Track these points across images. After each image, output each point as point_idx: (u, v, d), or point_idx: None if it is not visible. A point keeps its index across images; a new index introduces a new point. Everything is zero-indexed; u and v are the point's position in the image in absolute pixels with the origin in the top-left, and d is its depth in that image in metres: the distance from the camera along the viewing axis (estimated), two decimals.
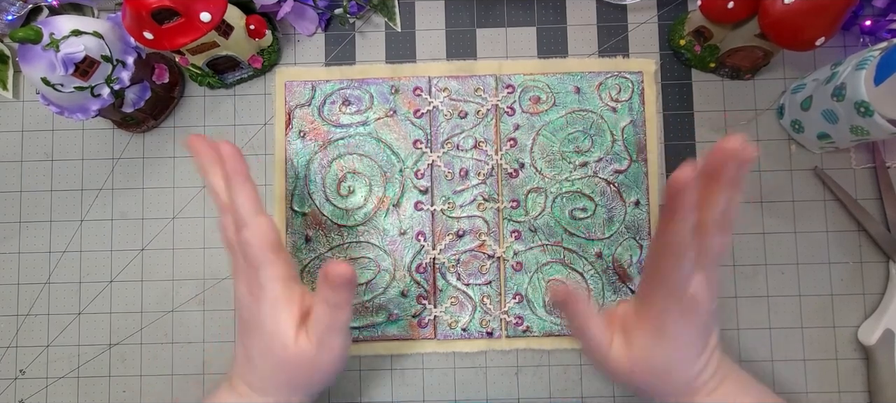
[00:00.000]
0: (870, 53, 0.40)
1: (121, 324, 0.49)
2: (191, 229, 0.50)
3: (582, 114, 0.50)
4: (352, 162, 0.50)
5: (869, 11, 0.49)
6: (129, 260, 0.50)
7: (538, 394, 0.49)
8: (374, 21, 0.52)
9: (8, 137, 0.51)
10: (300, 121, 0.50)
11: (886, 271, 0.48)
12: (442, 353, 0.49)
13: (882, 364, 0.46)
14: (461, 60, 0.51)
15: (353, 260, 0.49)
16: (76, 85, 0.41)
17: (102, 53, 0.41)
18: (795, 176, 0.50)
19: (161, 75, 0.48)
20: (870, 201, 0.49)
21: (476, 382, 0.49)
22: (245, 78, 0.50)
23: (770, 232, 0.49)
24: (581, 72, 0.51)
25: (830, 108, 0.43)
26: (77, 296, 0.50)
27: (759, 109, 0.50)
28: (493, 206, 0.49)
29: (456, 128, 0.50)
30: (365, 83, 0.51)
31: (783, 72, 0.50)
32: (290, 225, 0.50)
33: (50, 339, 0.49)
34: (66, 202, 0.50)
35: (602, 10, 0.51)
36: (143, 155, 0.50)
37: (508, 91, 0.50)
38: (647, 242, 0.49)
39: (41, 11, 0.49)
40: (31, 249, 0.50)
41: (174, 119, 0.51)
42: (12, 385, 0.49)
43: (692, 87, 0.51)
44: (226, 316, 0.49)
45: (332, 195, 0.50)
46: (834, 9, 0.40)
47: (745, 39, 0.45)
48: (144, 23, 0.40)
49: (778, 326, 0.49)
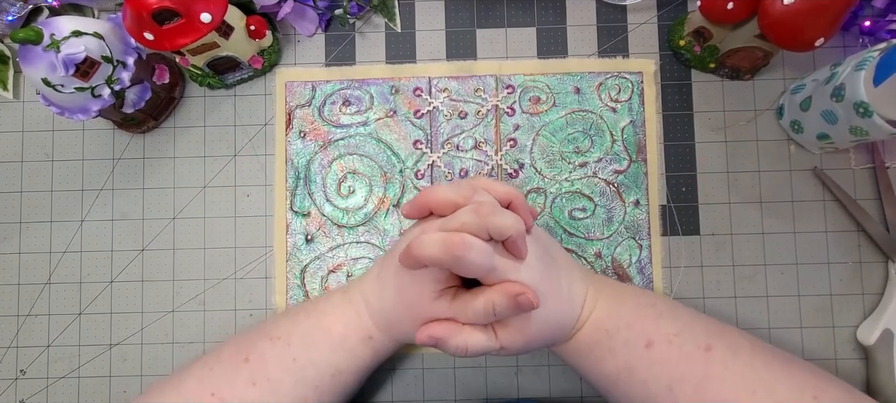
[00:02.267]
0: (869, 54, 0.40)
1: (121, 324, 0.49)
2: (191, 229, 0.50)
3: (582, 114, 0.50)
4: (352, 162, 0.50)
5: (868, 12, 0.49)
6: (130, 261, 0.50)
7: (538, 394, 0.49)
8: (374, 21, 0.52)
9: (8, 138, 0.51)
10: (300, 121, 0.50)
11: (885, 271, 0.49)
12: (442, 354, 0.49)
13: (881, 365, 0.46)
14: (461, 61, 0.51)
15: (354, 260, 0.49)
16: (77, 85, 0.41)
17: (103, 54, 0.41)
18: (795, 176, 0.50)
19: (161, 76, 0.48)
20: (869, 201, 0.49)
21: (476, 382, 0.49)
22: (245, 78, 0.50)
23: (769, 232, 0.49)
24: (581, 73, 0.51)
25: (830, 109, 0.43)
26: (77, 296, 0.50)
27: (759, 110, 0.50)
28: None
29: (456, 128, 0.50)
30: (365, 83, 0.51)
31: (783, 72, 0.51)
32: (290, 226, 0.50)
33: (50, 339, 0.49)
34: (67, 202, 0.50)
35: (602, 10, 0.51)
36: (144, 155, 0.51)
37: (508, 91, 0.50)
38: (646, 242, 0.49)
39: (41, 12, 0.49)
40: (31, 249, 0.50)
41: (174, 119, 0.51)
42: (13, 385, 0.49)
43: (692, 88, 0.51)
44: (226, 316, 0.49)
45: (333, 195, 0.50)
46: (833, 9, 0.40)
47: (744, 40, 0.45)
48: (145, 23, 0.40)
49: (777, 326, 0.49)
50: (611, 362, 0.39)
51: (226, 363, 0.40)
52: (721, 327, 0.39)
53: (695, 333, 0.38)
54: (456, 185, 0.37)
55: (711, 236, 0.49)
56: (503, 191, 0.38)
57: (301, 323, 0.41)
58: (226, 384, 0.39)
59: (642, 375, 0.38)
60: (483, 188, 0.38)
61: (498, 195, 0.38)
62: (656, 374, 0.37)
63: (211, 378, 0.39)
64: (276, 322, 0.42)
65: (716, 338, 0.38)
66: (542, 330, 0.38)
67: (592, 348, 0.40)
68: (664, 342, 0.38)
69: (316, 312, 0.41)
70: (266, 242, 0.50)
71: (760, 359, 0.37)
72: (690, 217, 0.49)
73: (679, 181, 0.50)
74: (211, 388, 0.39)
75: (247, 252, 0.50)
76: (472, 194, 0.36)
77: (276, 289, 0.49)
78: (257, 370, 0.39)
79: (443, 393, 0.49)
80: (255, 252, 0.50)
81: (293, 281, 0.49)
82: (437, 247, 0.33)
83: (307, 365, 0.39)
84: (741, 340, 0.38)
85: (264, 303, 0.49)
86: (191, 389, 0.39)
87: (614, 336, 0.39)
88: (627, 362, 0.38)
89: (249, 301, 0.49)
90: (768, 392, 0.35)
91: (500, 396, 0.49)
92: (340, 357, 0.40)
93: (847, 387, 0.37)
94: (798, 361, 0.38)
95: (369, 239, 0.49)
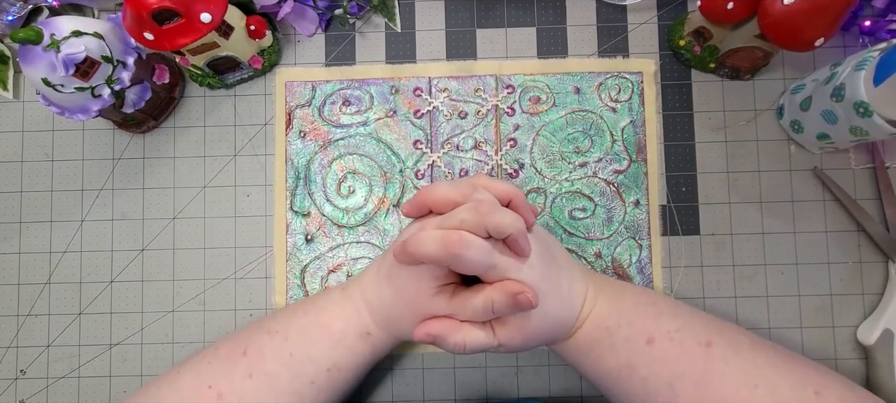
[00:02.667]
0: (869, 54, 0.40)
1: (121, 324, 0.49)
2: (191, 229, 0.50)
3: (582, 114, 0.50)
4: (352, 162, 0.50)
5: (868, 12, 0.49)
6: (130, 261, 0.50)
7: (538, 394, 0.49)
8: (374, 21, 0.52)
9: (8, 137, 0.51)
10: (300, 121, 0.50)
11: (885, 271, 0.49)
12: (442, 353, 0.49)
13: (881, 364, 0.46)
14: (461, 61, 0.51)
15: (354, 260, 0.49)
16: (77, 85, 0.41)
17: (103, 54, 0.41)
18: (795, 176, 0.50)
19: (161, 76, 0.48)
20: (869, 201, 0.49)
21: (476, 382, 0.49)
22: (245, 78, 0.50)
23: (769, 232, 0.49)
24: (581, 73, 0.51)
25: (830, 109, 0.43)
26: (77, 296, 0.50)
27: (759, 110, 0.50)
28: None
29: (456, 128, 0.50)
30: (365, 83, 0.51)
31: (783, 72, 0.51)
32: (290, 226, 0.50)
33: (50, 339, 0.49)
34: (67, 202, 0.50)
35: (602, 10, 0.51)
36: (144, 155, 0.51)
37: (508, 91, 0.50)
38: (646, 242, 0.49)
39: (41, 12, 0.49)
40: (31, 249, 0.50)
41: (174, 119, 0.51)
42: (13, 385, 0.49)
43: (692, 88, 0.51)
44: (226, 316, 0.49)
45: (333, 195, 0.50)
46: (833, 9, 0.40)
47: (744, 40, 0.45)
48: (145, 23, 0.40)
49: (777, 326, 0.49)
50: (611, 359, 0.39)
51: (223, 357, 0.40)
52: (721, 324, 0.39)
53: (695, 329, 0.38)
54: (456, 184, 0.37)
55: (711, 236, 0.49)
56: (503, 189, 0.38)
57: (299, 319, 0.41)
58: (223, 377, 0.39)
59: (643, 372, 0.38)
60: (483, 186, 0.38)
61: (498, 193, 0.38)
62: (657, 371, 0.37)
63: (208, 372, 0.39)
64: (274, 317, 0.42)
65: (716, 335, 0.38)
66: (542, 328, 0.38)
67: (593, 345, 0.40)
68: (665, 338, 0.38)
69: (314, 308, 0.41)
70: (266, 242, 0.50)
71: (762, 355, 0.37)
72: (690, 217, 0.49)
73: (679, 181, 0.50)
74: (208, 381, 0.39)
75: (247, 252, 0.50)
76: (472, 192, 0.36)
77: (276, 289, 0.49)
78: (255, 363, 0.39)
79: (443, 393, 0.49)
80: (255, 252, 0.50)
81: (293, 281, 0.49)
82: (434, 245, 0.33)
83: (305, 361, 0.39)
84: (741, 336, 0.38)
85: (264, 303, 0.49)
86: (188, 383, 0.39)
87: (615, 334, 0.39)
88: (628, 359, 0.38)
89: (249, 301, 0.49)
90: (770, 387, 0.35)
91: (499, 396, 0.49)
92: (339, 353, 0.40)
93: (848, 383, 0.37)
94: (799, 357, 0.38)
95: (369, 239, 0.49)
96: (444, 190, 0.37)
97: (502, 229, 0.34)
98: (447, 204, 0.37)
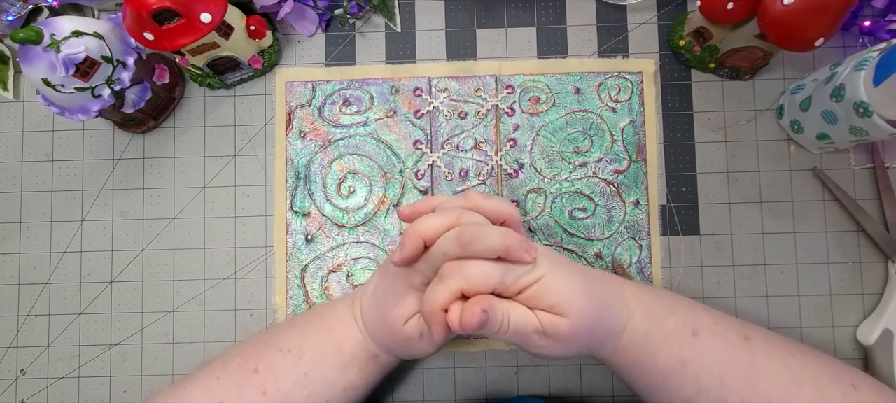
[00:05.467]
0: (869, 54, 0.40)
1: (121, 324, 0.49)
2: (191, 229, 0.50)
3: (582, 114, 0.50)
4: (352, 162, 0.50)
5: (868, 12, 0.49)
6: (130, 261, 0.50)
7: (538, 394, 0.49)
8: (374, 21, 0.52)
9: (8, 138, 0.51)
10: (300, 121, 0.50)
11: (885, 271, 0.49)
12: (442, 353, 0.49)
13: (881, 364, 0.46)
14: (461, 61, 0.51)
15: (354, 260, 0.49)
16: (77, 85, 0.41)
17: (103, 54, 0.41)
18: (795, 176, 0.50)
19: (161, 76, 0.48)
20: (869, 201, 0.49)
21: (476, 382, 0.49)
22: (245, 78, 0.50)
23: (769, 232, 0.49)
24: (581, 73, 0.51)
25: (830, 109, 0.43)
26: (77, 296, 0.50)
27: (759, 110, 0.50)
28: None
29: (456, 128, 0.50)
30: (365, 83, 0.51)
31: (783, 72, 0.51)
32: (290, 226, 0.50)
33: (50, 339, 0.49)
34: (67, 202, 0.50)
35: (602, 10, 0.51)
36: (144, 155, 0.51)
37: (508, 91, 0.50)
38: (646, 242, 0.49)
39: (42, 12, 0.49)
40: (31, 249, 0.50)
41: (174, 119, 0.51)
42: (13, 385, 0.49)
43: (692, 88, 0.51)
44: (226, 316, 0.49)
45: (333, 195, 0.50)
46: (833, 9, 0.40)
47: (744, 40, 0.45)
48: (145, 23, 0.40)
49: (777, 326, 0.49)
50: (664, 353, 0.37)
51: (233, 372, 0.40)
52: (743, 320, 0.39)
53: (731, 323, 0.38)
54: (443, 211, 0.36)
55: (711, 236, 0.49)
56: (495, 209, 0.37)
57: (311, 338, 0.41)
58: (235, 392, 0.39)
59: (694, 368, 0.36)
60: (473, 206, 0.36)
61: (490, 212, 0.36)
62: (708, 366, 0.36)
63: (219, 387, 0.39)
64: (284, 333, 0.42)
65: (749, 329, 0.38)
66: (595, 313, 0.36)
67: (648, 337, 0.37)
68: (707, 331, 0.37)
69: (324, 327, 0.41)
70: (266, 242, 0.50)
71: (795, 348, 0.37)
72: (690, 217, 0.50)
73: (679, 181, 0.50)
74: (220, 396, 0.39)
75: (247, 252, 0.50)
76: (459, 217, 0.35)
77: (276, 289, 0.49)
78: (268, 381, 0.39)
79: (443, 393, 0.49)
80: (255, 252, 0.50)
81: (293, 281, 0.49)
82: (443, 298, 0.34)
83: (319, 380, 0.40)
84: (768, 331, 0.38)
85: (264, 303, 0.49)
86: (198, 397, 0.39)
87: (665, 323, 0.37)
88: (680, 353, 0.37)
89: (249, 301, 0.49)
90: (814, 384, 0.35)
91: (500, 396, 0.49)
92: (352, 374, 0.40)
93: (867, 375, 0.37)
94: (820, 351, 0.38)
95: (369, 239, 0.49)
96: (432, 223, 0.35)
97: (489, 252, 0.34)
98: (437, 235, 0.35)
